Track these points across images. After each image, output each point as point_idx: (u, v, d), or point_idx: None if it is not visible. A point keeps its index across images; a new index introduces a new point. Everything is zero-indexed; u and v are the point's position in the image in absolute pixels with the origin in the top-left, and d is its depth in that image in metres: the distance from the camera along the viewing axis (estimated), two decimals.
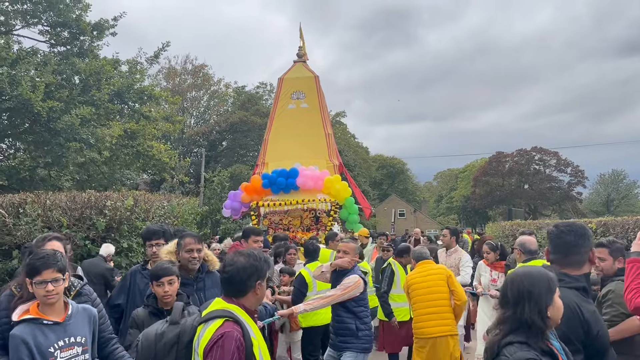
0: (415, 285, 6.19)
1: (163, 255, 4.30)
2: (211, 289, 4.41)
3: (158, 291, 3.75)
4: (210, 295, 4.29)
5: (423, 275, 6.21)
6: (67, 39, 18.17)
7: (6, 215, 9.91)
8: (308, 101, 15.67)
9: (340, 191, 13.52)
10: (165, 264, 3.90)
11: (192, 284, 4.32)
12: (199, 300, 4.23)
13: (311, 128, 15.17)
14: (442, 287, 6.08)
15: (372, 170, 63.45)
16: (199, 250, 4.35)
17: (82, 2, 18.37)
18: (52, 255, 3.13)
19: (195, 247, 4.32)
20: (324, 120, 15.73)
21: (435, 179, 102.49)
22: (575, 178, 56.73)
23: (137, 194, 10.62)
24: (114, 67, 17.54)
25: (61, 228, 9.78)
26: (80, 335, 3.18)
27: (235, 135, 45.81)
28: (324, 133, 15.36)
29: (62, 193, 10.44)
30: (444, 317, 6.01)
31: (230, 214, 14.71)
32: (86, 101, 15.40)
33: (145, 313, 3.75)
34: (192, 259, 4.30)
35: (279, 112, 15.76)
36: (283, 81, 15.89)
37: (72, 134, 14.19)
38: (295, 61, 16.45)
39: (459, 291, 6.11)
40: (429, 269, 6.27)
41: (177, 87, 48.37)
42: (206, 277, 4.47)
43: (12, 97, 13.25)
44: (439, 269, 6.31)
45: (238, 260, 2.89)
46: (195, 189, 35.17)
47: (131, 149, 17.67)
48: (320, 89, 15.87)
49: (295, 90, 15.73)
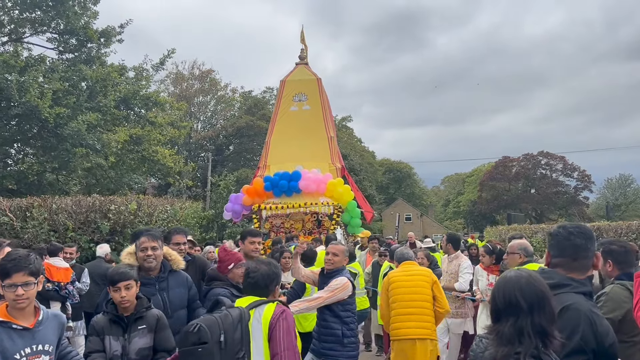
0: (397, 283, 5.92)
1: (123, 257, 4.18)
2: (175, 288, 4.26)
3: (115, 297, 3.58)
4: (174, 295, 4.21)
5: (406, 274, 5.96)
6: (74, 46, 18.55)
7: (14, 219, 10.24)
8: (310, 103, 15.52)
9: (342, 194, 13.42)
10: (122, 267, 3.74)
11: (153, 284, 4.14)
12: (162, 301, 4.10)
13: (313, 131, 15.03)
14: (426, 289, 5.82)
15: (379, 174, 63.57)
16: (154, 248, 4.13)
17: (89, 10, 18.77)
18: (24, 257, 2.96)
19: (149, 245, 4.10)
20: (327, 122, 15.55)
21: (443, 183, 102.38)
22: (581, 182, 56.58)
23: (141, 199, 10.92)
24: (120, 73, 17.91)
25: (67, 231, 10.10)
26: (48, 344, 3.04)
27: (242, 139, 46.16)
28: (326, 136, 15.22)
29: (67, 197, 10.76)
30: (424, 319, 5.74)
31: (231, 216, 14.53)
32: (93, 107, 15.75)
33: (105, 320, 3.59)
34: (146, 257, 4.09)
35: (281, 114, 15.65)
36: (285, 83, 15.77)
37: (78, 140, 14.53)
38: (297, 63, 16.36)
39: (443, 299, 5.87)
40: (413, 269, 6.04)
41: (184, 92, 48.86)
42: (169, 277, 4.27)
43: (21, 103, 13.61)
44: (424, 271, 6.07)
45: (261, 267, 3.35)
46: (202, 193, 35.48)
47: (136, 154, 18.00)
48: (323, 91, 15.70)
49: (298, 92, 15.62)
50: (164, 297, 4.14)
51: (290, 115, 15.50)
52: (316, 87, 15.64)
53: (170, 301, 4.18)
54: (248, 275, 3.37)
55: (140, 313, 3.62)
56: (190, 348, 2.85)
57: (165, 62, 18.86)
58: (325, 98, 15.85)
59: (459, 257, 7.82)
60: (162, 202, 11.45)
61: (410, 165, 78.35)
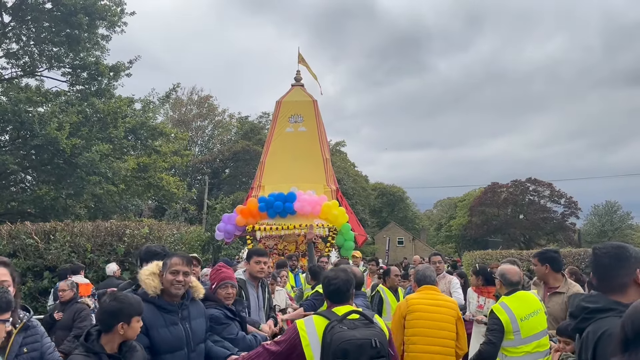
0: (419, 313, 4.96)
1: (145, 278, 3.65)
2: (197, 318, 3.83)
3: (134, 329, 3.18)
4: (196, 326, 3.78)
5: (430, 303, 5.04)
6: (85, 79, 20.00)
7: (39, 241, 11.51)
8: (306, 125, 15.39)
9: (337, 217, 13.29)
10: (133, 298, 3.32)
11: (176, 311, 3.66)
12: (185, 332, 3.65)
13: (309, 152, 14.87)
14: (452, 324, 4.99)
15: (371, 198, 64.88)
16: (186, 274, 3.69)
17: (100, 45, 20.31)
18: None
19: (181, 269, 3.66)
20: (322, 144, 15.44)
21: (435, 207, 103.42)
22: (568, 209, 58.07)
23: (152, 224, 12.18)
24: (128, 105, 19.30)
25: (86, 252, 11.35)
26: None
27: (238, 163, 47.48)
28: (321, 157, 15.06)
29: (88, 222, 12.03)
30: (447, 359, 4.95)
31: (223, 237, 14.19)
32: (104, 138, 17.13)
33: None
34: (176, 283, 3.62)
35: (277, 135, 15.44)
36: (281, 104, 15.61)
37: (92, 168, 15.86)
38: (293, 85, 16.28)
39: (464, 340, 5.14)
40: (437, 298, 5.13)
41: (183, 117, 50.42)
42: (190, 305, 3.81)
43: (41, 135, 14.96)
44: (450, 303, 5.18)
45: (340, 274, 3.47)
46: (198, 215, 36.62)
47: (143, 180, 19.33)
48: (318, 113, 15.61)
49: (293, 113, 15.45)
50: (186, 327, 3.69)
51: (286, 136, 15.28)
52: (312, 108, 15.54)
53: (193, 332, 3.74)
54: (329, 283, 3.40)
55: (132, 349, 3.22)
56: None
57: (171, 96, 20.27)
58: (320, 120, 15.73)
59: (446, 276, 7.72)
60: (169, 227, 12.73)
61: (403, 189, 79.71)
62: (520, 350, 4.67)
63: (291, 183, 14.00)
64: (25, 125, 15.22)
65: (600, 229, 67.74)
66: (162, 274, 3.69)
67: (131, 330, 3.14)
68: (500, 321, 4.65)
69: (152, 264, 3.78)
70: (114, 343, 3.10)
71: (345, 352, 2.97)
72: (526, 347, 4.66)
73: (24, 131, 15.86)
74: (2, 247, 11.06)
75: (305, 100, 15.69)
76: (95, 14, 18.43)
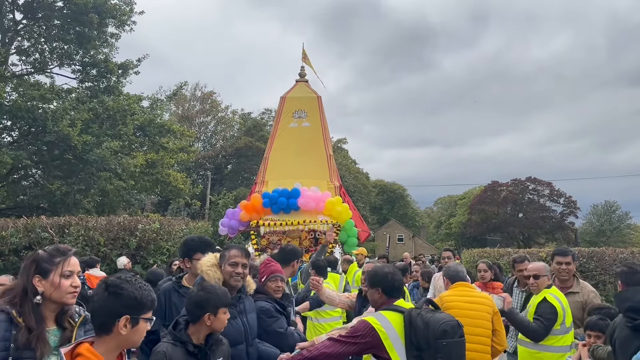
0: (455, 311, 4.64)
1: (205, 269, 3.64)
2: (251, 312, 3.85)
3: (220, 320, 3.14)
4: (252, 320, 3.79)
5: (465, 300, 4.93)
6: (94, 77, 20.44)
7: (53, 235, 11.95)
8: (310, 120, 15.35)
9: (341, 213, 13.27)
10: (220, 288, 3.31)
11: (235, 304, 3.65)
12: (243, 326, 3.66)
13: (313, 148, 14.86)
14: (488, 321, 4.84)
15: (372, 195, 65.32)
16: (245, 266, 3.74)
17: (109, 43, 20.75)
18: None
19: (240, 261, 3.70)
20: (326, 140, 15.45)
21: (436, 204, 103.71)
22: (567, 208, 58.49)
23: (161, 219, 12.64)
24: (136, 103, 19.75)
25: (99, 246, 11.80)
26: None
27: (240, 159, 47.85)
28: (325, 154, 15.04)
29: (101, 217, 12.48)
30: (484, 358, 4.80)
31: (227, 232, 14.24)
32: (114, 135, 17.60)
33: (179, 352, 2.98)
34: (235, 275, 3.66)
35: (281, 130, 15.46)
36: (285, 100, 15.61)
37: (102, 165, 16.33)
38: (298, 80, 16.29)
39: (502, 334, 4.93)
40: (472, 295, 5.01)
41: (186, 113, 50.83)
42: (245, 300, 3.83)
43: (53, 131, 15.42)
44: (485, 299, 5.02)
45: (396, 271, 3.80)
46: (200, 211, 37.07)
47: (151, 176, 19.81)
48: (322, 109, 15.64)
49: (298, 109, 15.42)
50: (244, 321, 3.72)
51: (290, 132, 15.22)
52: (316, 104, 15.52)
53: (250, 326, 3.77)
54: (393, 279, 3.69)
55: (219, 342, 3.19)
56: (459, 340, 3.39)
57: (178, 93, 20.73)
58: (324, 116, 15.73)
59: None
60: (179, 222, 13.20)
61: (404, 187, 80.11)
62: (563, 341, 4.88)
63: (295, 179, 13.88)
64: (37, 121, 15.71)
65: (599, 228, 68.24)
66: (220, 265, 3.71)
67: (218, 321, 3.11)
68: (555, 309, 4.82)
69: (211, 255, 3.82)
70: (200, 334, 3.08)
71: (445, 333, 3.32)
72: (568, 337, 4.91)
73: (35, 127, 16.32)
74: (19, 240, 11.48)
75: (310, 96, 15.68)
76: (106, 13, 18.87)
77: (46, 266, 2.60)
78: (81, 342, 2.29)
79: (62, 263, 2.64)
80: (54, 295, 2.61)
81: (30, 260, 2.64)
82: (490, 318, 4.86)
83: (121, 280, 2.35)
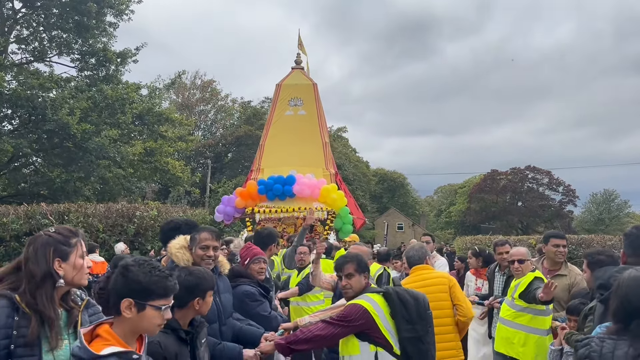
0: None
1: (175, 251, 3.62)
2: (224, 293, 3.88)
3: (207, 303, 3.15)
4: (225, 300, 3.84)
5: (420, 284, 4.83)
6: (93, 65, 20.61)
7: (53, 221, 12.21)
8: (306, 108, 15.37)
9: (336, 200, 13.37)
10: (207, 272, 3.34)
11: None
12: (216, 306, 3.67)
13: (308, 135, 14.92)
14: (445, 301, 4.89)
15: (372, 184, 65.52)
16: (216, 249, 3.73)
17: (107, 32, 20.89)
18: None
19: (211, 244, 3.68)
20: (322, 128, 15.48)
21: (436, 193, 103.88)
22: (566, 197, 58.74)
23: (159, 206, 12.90)
24: (135, 91, 19.94)
25: (98, 232, 12.05)
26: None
27: (240, 148, 47.98)
28: (321, 141, 15.12)
29: (100, 204, 12.77)
30: (446, 338, 4.81)
31: (223, 218, 14.28)
32: (113, 123, 17.81)
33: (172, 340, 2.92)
34: (206, 258, 3.64)
35: (276, 118, 15.48)
36: (281, 87, 15.58)
37: (102, 153, 16.57)
38: (294, 67, 16.26)
39: (465, 306, 4.95)
40: (427, 277, 4.99)
41: (186, 101, 50.93)
42: (219, 280, 3.78)
43: (52, 120, 15.63)
44: (439, 277, 5.08)
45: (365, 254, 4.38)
46: (200, 199, 37.30)
47: (150, 164, 20.05)
48: (318, 97, 15.63)
49: (293, 97, 15.41)
50: (217, 301, 3.71)
51: (286, 120, 15.24)
52: (312, 92, 15.54)
53: (224, 306, 3.83)
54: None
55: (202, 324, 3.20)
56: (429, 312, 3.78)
57: (176, 82, 20.90)
58: (320, 104, 15.75)
59: (435, 256, 7.64)
60: (176, 209, 13.45)
61: (404, 175, 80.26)
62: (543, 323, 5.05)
63: (290, 166, 13.97)
64: (37, 110, 15.93)
65: (597, 216, 68.54)
66: (190, 248, 3.67)
67: (205, 304, 3.11)
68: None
69: (180, 237, 3.76)
70: (187, 318, 3.06)
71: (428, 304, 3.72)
72: (547, 320, 5.03)
73: (35, 116, 16.54)
74: (19, 227, 11.75)
75: (305, 84, 15.68)
76: (104, 2, 19.01)
77: (65, 249, 2.49)
78: (101, 323, 2.28)
79: (78, 244, 2.56)
80: (76, 278, 2.53)
81: (43, 243, 2.46)
82: (447, 297, 4.89)
83: (133, 263, 2.32)
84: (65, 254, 2.48)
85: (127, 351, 2.20)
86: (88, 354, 2.13)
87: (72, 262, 2.49)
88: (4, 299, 2.36)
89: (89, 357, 2.12)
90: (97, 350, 2.13)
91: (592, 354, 2.20)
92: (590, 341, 2.26)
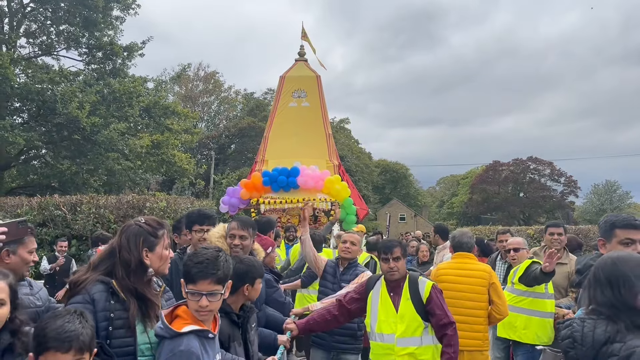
0: (447, 284, 4.86)
1: (214, 240, 3.79)
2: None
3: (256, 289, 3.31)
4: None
5: (460, 273, 4.98)
6: (100, 59, 20.97)
7: (66, 212, 12.63)
8: (309, 100, 15.50)
9: (340, 192, 13.39)
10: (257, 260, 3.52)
11: None
12: None
13: (312, 127, 15.07)
14: (482, 294, 4.90)
15: (374, 175, 65.79)
16: (243, 238, 3.83)
17: (114, 26, 21.22)
18: (212, 260, 2.52)
19: (237, 232, 3.82)
20: (325, 120, 15.64)
21: (438, 184, 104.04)
22: (568, 188, 59.01)
23: (168, 198, 13.30)
24: (141, 85, 20.30)
25: (109, 223, 12.46)
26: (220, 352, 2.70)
27: (243, 139, 48.26)
28: (324, 133, 15.25)
29: (111, 196, 13.19)
30: (475, 329, 4.86)
31: (228, 209, 14.36)
32: (120, 116, 18.20)
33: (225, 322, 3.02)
34: (233, 246, 3.78)
35: (280, 110, 15.60)
36: (285, 79, 15.72)
37: (110, 146, 16.97)
38: (297, 59, 16.36)
39: (502, 304, 4.94)
40: (469, 266, 5.04)
41: (189, 93, 51.21)
42: None
43: (62, 113, 16.02)
44: (482, 270, 5.02)
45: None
46: (204, 190, 37.68)
47: (157, 157, 20.45)
48: (321, 88, 15.77)
49: (297, 88, 15.54)
50: None
51: (289, 111, 15.34)
52: (315, 84, 15.65)
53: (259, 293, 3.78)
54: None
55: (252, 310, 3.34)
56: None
57: (182, 76, 21.27)
58: (323, 96, 15.84)
59: (446, 248, 7.37)
60: (184, 200, 13.86)
61: (407, 166, 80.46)
62: (545, 306, 5.27)
63: (294, 158, 14.01)
64: (47, 103, 16.31)
65: (599, 207, 68.82)
66: (225, 237, 3.86)
67: (254, 291, 3.29)
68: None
69: (220, 226, 4.03)
70: (238, 303, 3.21)
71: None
72: (550, 303, 5.28)
73: (45, 109, 16.93)
74: (33, 217, 12.16)
75: (309, 76, 15.81)
76: None
77: (153, 240, 2.63)
78: (179, 305, 2.48)
79: (164, 236, 2.69)
80: (160, 268, 2.68)
81: (134, 233, 2.62)
82: (484, 290, 4.89)
83: (192, 252, 2.52)
84: (153, 245, 2.65)
85: (204, 329, 2.44)
86: (170, 332, 2.37)
87: (158, 253, 2.67)
88: (102, 284, 2.53)
89: (171, 335, 2.37)
90: (178, 329, 2.37)
91: (575, 334, 2.37)
92: (573, 322, 2.44)
